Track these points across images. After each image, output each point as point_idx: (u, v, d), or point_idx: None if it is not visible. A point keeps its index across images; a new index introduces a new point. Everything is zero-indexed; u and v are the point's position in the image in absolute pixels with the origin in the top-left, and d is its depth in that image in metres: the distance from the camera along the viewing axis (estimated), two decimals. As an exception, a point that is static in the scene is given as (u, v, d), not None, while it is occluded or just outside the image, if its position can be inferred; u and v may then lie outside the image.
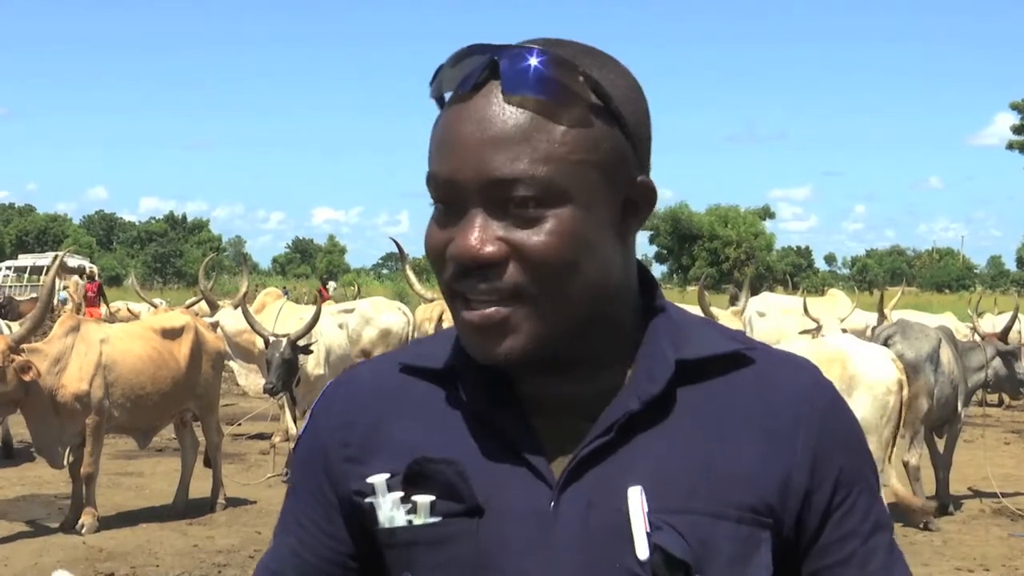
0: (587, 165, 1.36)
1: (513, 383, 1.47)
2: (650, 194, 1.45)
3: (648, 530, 1.36)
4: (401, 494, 1.45)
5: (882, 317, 14.04)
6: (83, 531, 9.59)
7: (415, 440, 1.48)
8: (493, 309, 1.36)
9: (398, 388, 1.54)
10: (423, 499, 1.43)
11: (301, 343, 11.61)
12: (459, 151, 1.36)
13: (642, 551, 1.35)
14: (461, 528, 1.42)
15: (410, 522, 1.44)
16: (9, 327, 12.92)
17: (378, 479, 1.47)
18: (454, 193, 1.37)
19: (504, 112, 1.35)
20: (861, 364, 8.64)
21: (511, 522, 1.41)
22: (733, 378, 1.46)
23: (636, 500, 1.37)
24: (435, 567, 1.43)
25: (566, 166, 1.35)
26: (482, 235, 1.34)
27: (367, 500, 1.48)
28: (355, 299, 20.90)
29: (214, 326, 12.56)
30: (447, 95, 1.42)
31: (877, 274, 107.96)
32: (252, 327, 12.05)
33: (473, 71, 1.37)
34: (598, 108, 1.38)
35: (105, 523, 9.88)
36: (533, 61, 1.35)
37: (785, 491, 1.42)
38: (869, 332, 13.82)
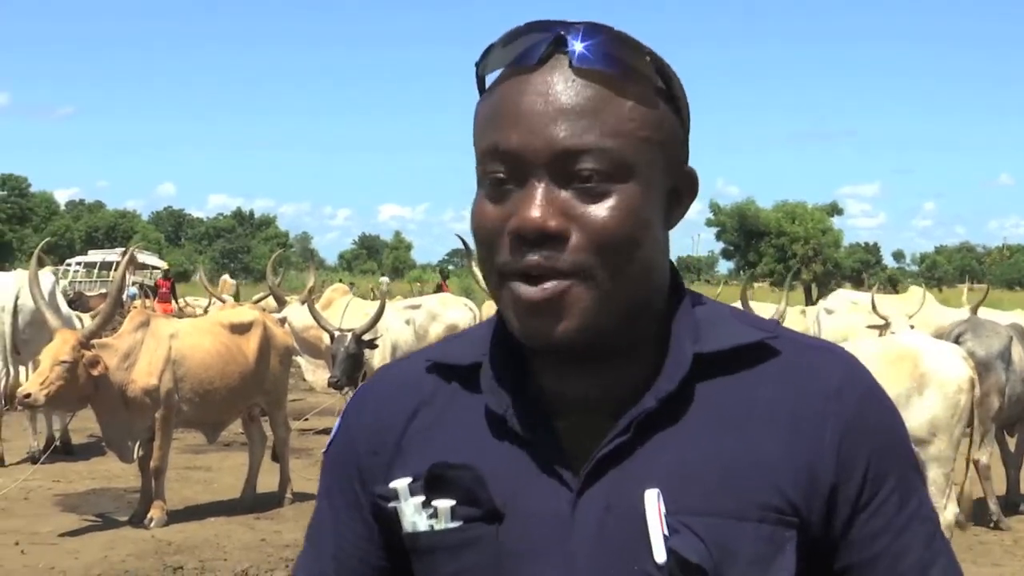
0: (651, 143, 1.36)
1: (537, 377, 1.45)
2: (694, 183, 1.45)
3: (666, 533, 1.33)
4: (423, 498, 1.44)
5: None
6: (152, 525, 9.67)
7: (437, 443, 1.47)
8: (552, 285, 1.32)
9: (425, 389, 1.53)
10: (443, 504, 1.42)
11: (366, 338, 11.66)
12: (526, 122, 1.33)
13: (659, 555, 1.33)
14: (481, 533, 1.41)
15: (432, 527, 1.43)
16: (80, 319, 13.06)
17: (400, 484, 1.45)
18: (517, 165, 1.34)
19: (573, 85, 1.34)
20: (932, 362, 8.54)
21: (531, 526, 1.39)
22: (758, 370, 1.42)
23: (653, 503, 1.35)
24: (457, 572, 1.42)
25: (633, 141, 1.34)
26: (547, 208, 1.32)
27: (391, 504, 1.46)
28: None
29: (282, 322, 12.62)
30: (490, 77, 1.41)
31: (947, 271, 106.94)
32: (318, 322, 12.12)
33: (537, 45, 1.35)
34: (661, 90, 1.38)
35: (174, 517, 9.96)
36: (601, 38, 1.34)
37: (810, 487, 1.37)
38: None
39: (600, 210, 1.32)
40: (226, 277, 30.70)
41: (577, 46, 1.33)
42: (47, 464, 11.85)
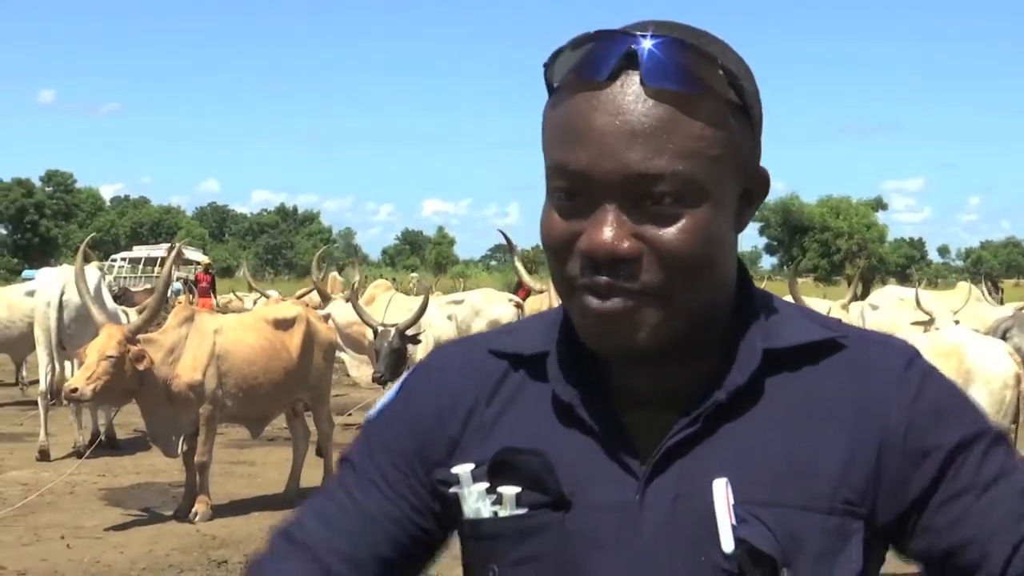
0: (722, 161, 1.33)
1: (603, 371, 1.45)
2: (766, 183, 1.44)
3: (734, 523, 1.33)
4: (486, 485, 1.43)
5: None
6: (196, 519, 9.71)
7: (504, 431, 1.47)
8: (623, 302, 1.32)
9: (488, 374, 1.52)
10: (509, 490, 1.41)
11: (410, 333, 11.67)
12: (596, 142, 1.30)
13: (727, 544, 1.33)
14: (547, 520, 1.40)
15: (495, 513, 1.42)
16: (126, 314, 13.14)
17: (463, 469, 1.45)
18: (586, 185, 1.32)
19: (643, 104, 1.30)
20: (978, 358, 8.46)
21: (597, 515, 1.39)
22: (823, 366, 1.42)
23: (721, 492, 1.35)
24: (520, 560, 1.42)
25: (705, 162, 1.31)
26: (618, 231, 1.30)
27: (451, 490, 1.46)
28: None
29: (325, 317, 12.65)
30: (556, 82, 1.38)
31: (992, 266, 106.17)
32: (361, 317, 12.13)
33: (607, 57, 1.31)
34: (733, 102, 1.35)
35: (218, 511, 9.99)
36: (673, 51, 1.30)
37: (876, 476, 1.37)
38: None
39: (672, 232, 1.31)
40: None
41: (649, 61, 1.30)
42: (92, 458, 11.93)
